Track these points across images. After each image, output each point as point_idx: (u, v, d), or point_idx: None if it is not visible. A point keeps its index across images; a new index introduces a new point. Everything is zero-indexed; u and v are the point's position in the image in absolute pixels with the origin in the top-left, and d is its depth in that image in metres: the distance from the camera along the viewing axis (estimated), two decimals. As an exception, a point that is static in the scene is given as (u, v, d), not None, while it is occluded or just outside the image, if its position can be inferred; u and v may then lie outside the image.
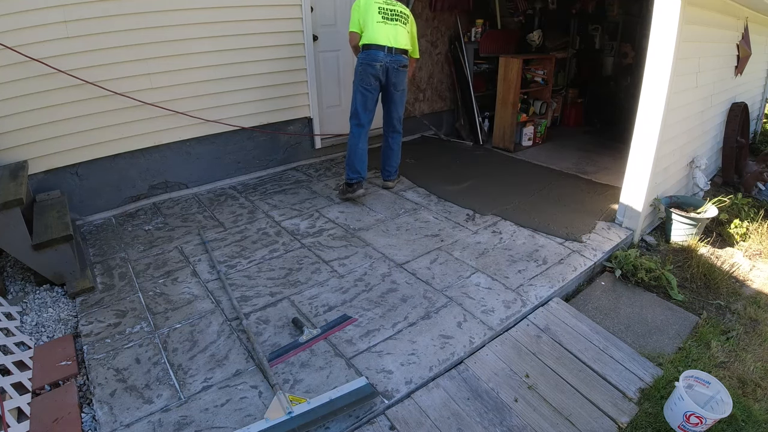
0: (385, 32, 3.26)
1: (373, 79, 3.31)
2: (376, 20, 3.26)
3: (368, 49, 3.28)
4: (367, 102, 3.38)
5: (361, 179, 3.47)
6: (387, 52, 3.27)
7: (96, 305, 2.36)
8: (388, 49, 3.27)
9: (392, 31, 3.29)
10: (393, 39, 3.28)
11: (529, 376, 2.02)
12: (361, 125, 3.41)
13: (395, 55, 3.31)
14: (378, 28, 3.25)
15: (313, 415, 1.69)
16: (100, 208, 3.33)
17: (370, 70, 3.28)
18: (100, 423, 1.71)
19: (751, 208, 3.71)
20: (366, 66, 3.29)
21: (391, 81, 3.37)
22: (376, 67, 3.27)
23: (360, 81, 3.33)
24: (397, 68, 3.34)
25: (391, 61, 3.29)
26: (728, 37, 4.05)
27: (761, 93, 6.08)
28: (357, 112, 3.40)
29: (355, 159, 3.42)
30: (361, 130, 3.42)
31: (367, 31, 3.27)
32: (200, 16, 3.34)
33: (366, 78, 3.31)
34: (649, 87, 2.86)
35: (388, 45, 3.26)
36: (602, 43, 5.98)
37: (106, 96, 3.09)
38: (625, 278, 2.83)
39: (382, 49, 3.25)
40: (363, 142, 3.44)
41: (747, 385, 2.14)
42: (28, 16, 2.70)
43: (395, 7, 3.36)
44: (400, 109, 3.59)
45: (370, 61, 3.27)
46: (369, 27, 3.26)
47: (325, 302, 2.39)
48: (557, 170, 4.35)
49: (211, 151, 3.77)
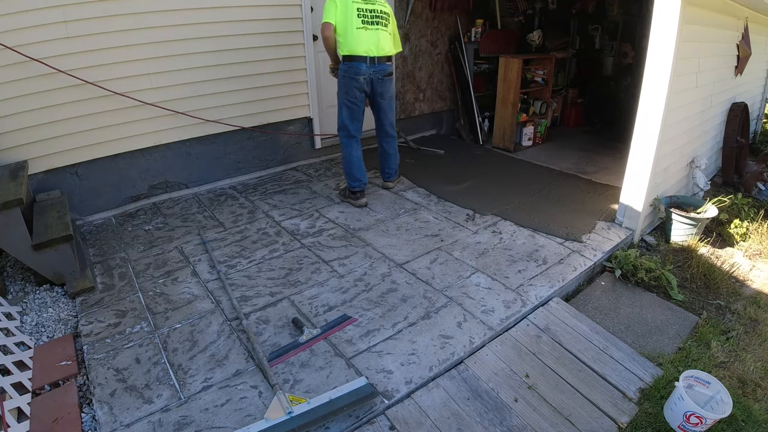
0: (365, 41, 3.09)
1: (357, 92, 3.19)
2: (355, 26, 3.06)
3: (350, 61, 3.12)
4: (353, 114, 3.27)
5: (363, 185, 3.44)
6: (369, 63, 3.12)
7: (96, 305, 2.36)
8: (371, 59, 3.11)
9: (373, 38, 3.11)
10: (375, 47, 3.12)
11: (529, 376, 2.02)
12: (351, 136, 3.33)
13: (378, 65, 3.16)
14: (358, 37, 3.07)
15: (313, 415, 1.69)
16: (100, 208, 3.33)
17: (354, 83, 3.15)
18: (100, 423, 1.71)
19: (751, 208, 3.71)
20: (349, 80, 3.15)
21: (377, 91, 3.26)
22: (360, 80, 3.14)
23: (345, 94, 3.21)
24: (381, 78, 3.21)
25: (374, 72, 3.16)
26: (728, 37, 4.05)
27: (761, 93, 6.08)
28: (345, 125, 3.30)
29: (353, 169, 3.37)
30: (352, 140, 3.34)
31: (347, 40, 3.08)
32: (200, 16, 3.34)
33: (350, 91, 3.18)
34: (649, 87, 2.86)
35: (370, 55, 3.11)
36: (602, 43, 5.98)
37: (106, 96, 3.09)
38: (625, 278, 2.83)
39: (364, 60, 3.10)
40: (357, 150, 3.38)
41: (747, 385, 2.14)
42: (28, 16, 2.70)
43: (375, 6, 3.15)
44: (391, 115, 3.48)
45: (352, 74, 3.13)
46: (349, 34, 3.07)
47: (325, 302, 2.39)
48: (557, 170, 4.35)
49: (211, 151, 3.77)
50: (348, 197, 3.49)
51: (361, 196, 3.44)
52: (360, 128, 3.37)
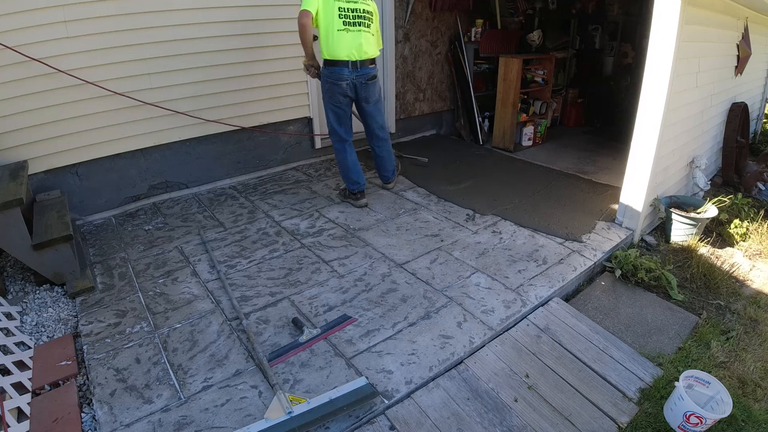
0: (347, 44, 2.98)
1: (341, 97, 3.12)
2: (337, 27, 2.94)
3: (332, 66, 3.03)
4: (340, 118, 3.22)
5: (362, 187, 3.43)
6: (352, 68, 3.03)
7: (96, 305, 2.36)
8: (353, 63, 3.02)
9: (355, 41, 3.00)
10: (357, 51, 3.02)
11: (529, 376, 2.02)
12: (343, 140, 3.29)
13: (361, 69, 3.07)
14: (340, 39, 2.96)
15: (313, 415, 1.69)
16: (100, 208, 3.33)
17: (337, 89, 3.08)
18: (100, 423, 1.71)
19: (751, 208, 3.71)
20: (332, 85, 3.08)
21: (361, 96, 3.18)
22: (343, 86, 3.07)
23: (329, 99, 3.15)
24: (365, 82, 3.12)
25: (357, 77, 3.08)
26: (728, 37, 4.05)
27: (761, 93, 6.08)
28: (334, 130, 3.26)
29: (349, 172, 3.35)
30: (344, 144, 3.31)
31: (328, 42, 2.97)
32: (200, 16, 3.34)
33: (334, 96, 3.12)
34: (649, 87, 2.86)
35: (352, 59, 3.01)
36: (602, 43, 5.98)
37: (106, 96, 3.09)
38: (625, 278, 2.83)
39: (346, 65, 3.01)
40: (351, 154, 3.34)
41: (747, 385, 2.14)
42: (29, 16, 2.70)
43: (357, 5, 3.01)
44: (379, 118, 3.39)
45: (335, 80, 3.05)
46: (330, 36, 2.96)
47: (325, 302, 2.39)
48: (557, 170, 4.35)
49: (211, 151, 3.77)
50: (348, 197, 3.49)
51: (361, 197, 3.44)
52: (350, 130, 3.32)
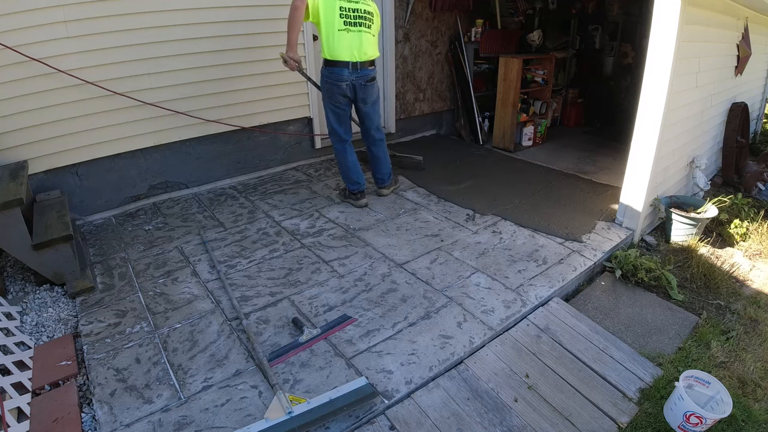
0: (348, 44, 2.98)
1: (341, 97, 3.12)
2: (337, 27, 2.93)
3: (332, 66, 3.02)
4: (340, 118, 3.22)
5: (362, 187, 3.42)
6: (352, 69, 3.02)
7: (96, 305, 2.36)
8: (353, 65, 3.01)
9: (356, 42, 3.00)
10: (357, 52, 3.01)
11: (529, 376, 2.02)
12: (342, 140, 3.29)
13: (361, 71, 3.06)
14: (340, 40, 2.95)
15: (313, 415, 1.69)
16: (100, 208, 3.33)
17: (337, 90, 3.08)
18: (100, 423, 1.71)
19: (751, 208, 3.71)
20: (331, 85, 3.08)
21: (359, 97, 3.17)
22: (342, 86, 3.06)
23: (329, 99, 3.16)
24: (364, 84, 3.12)
25: (357, 78, 3.07)
26: (728, 37, 4.05)
27: (761, 93, 6.08)
28: (334, 130, 3.26)
29: (349, 173, 3.35)
30: (344, 144, 3.30)
31: (329, 42, 2.97)
32: (200, 16, 3.34)
33: (334, 96, 3.12)
34: (649, 87, 2.86)
35: (353, 60, 3.00)
36: (602, 43, 5.98)
37: (106, 96, 3.09)
38: (625, 278, 2.82)
39: (347, 65, 3.01)
40: (351, 154, 3.34)
41: (747, 385, 2.14)
42: (28, 16, 2.70)
43: (358, 5, 3.00)
44: (376, 119, 3.38)
45: (334, 80, 3.05)
46: (330, 36, 2.95)
47: (325, 302, 2.39)
48: (557, 170, 4.35)
49: (211, 151, 3.77)
50: (348, 197, 3.49)
51: (361, 197, 3.43)
52: (349, 130, 3.32)
